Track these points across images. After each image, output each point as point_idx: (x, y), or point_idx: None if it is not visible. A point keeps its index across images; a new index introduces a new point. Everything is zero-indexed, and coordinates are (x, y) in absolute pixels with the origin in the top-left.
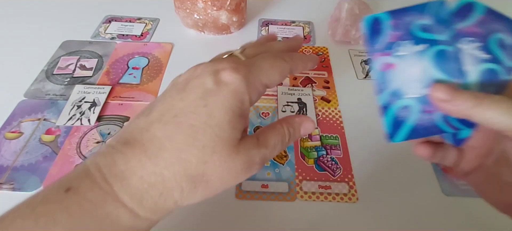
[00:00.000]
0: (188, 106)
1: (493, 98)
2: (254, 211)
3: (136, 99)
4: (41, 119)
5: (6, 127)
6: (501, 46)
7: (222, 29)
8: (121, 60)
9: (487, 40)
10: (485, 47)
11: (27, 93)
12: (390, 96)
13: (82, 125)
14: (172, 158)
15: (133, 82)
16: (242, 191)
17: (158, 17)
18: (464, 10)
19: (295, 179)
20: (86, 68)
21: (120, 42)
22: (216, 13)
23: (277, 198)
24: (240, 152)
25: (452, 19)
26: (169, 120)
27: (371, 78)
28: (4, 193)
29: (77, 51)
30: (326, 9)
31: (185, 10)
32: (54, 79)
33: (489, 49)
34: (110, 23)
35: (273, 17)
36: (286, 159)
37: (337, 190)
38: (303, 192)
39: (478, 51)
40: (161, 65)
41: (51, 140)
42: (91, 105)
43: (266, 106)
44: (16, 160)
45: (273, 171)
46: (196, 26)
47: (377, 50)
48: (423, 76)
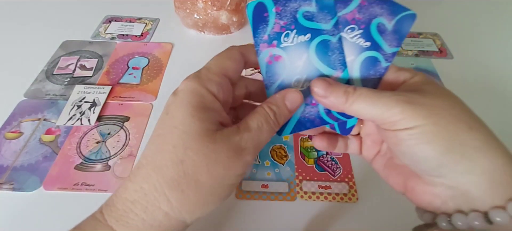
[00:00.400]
0: (157, 124)
1: (360, 91)
2: (254, 211)
3: (136, 99)
4: (41, 119)
5: (6, 127)
6: (380, 31)
7: (222, 29)
8: (121, 60)
9: (367, 27)
10: (366, 34)
11: (27, 93)
12: (278, 90)
13: (82, 125)
14: (148, 170)
15: (133, 82)
16: (242, 191)
17: (158, 17)
18: None
19: (295, 179)
20: (86, 68)
21: (120, 42)
22: (216, 13)
23: (277, 198)
24: (218, 140)
25: (335, 6)
26: (147, 144)
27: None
28: (4, 193)
29: (77, 51)
30: None
31: (185, 10)
32: (54, 79)
33: (370, 36)
34: (110, 23)
35: None
36: (286, 159)
37: (337, 190)
38: (303, 192)
39: (359, 39)
40: (161, 65)
41: (51, 140)
42: (91, 105)
43: None
44: (16, 160)
45: (273, 171)
46: (196, 26)
47: (263, 41)
48: (307, 68)
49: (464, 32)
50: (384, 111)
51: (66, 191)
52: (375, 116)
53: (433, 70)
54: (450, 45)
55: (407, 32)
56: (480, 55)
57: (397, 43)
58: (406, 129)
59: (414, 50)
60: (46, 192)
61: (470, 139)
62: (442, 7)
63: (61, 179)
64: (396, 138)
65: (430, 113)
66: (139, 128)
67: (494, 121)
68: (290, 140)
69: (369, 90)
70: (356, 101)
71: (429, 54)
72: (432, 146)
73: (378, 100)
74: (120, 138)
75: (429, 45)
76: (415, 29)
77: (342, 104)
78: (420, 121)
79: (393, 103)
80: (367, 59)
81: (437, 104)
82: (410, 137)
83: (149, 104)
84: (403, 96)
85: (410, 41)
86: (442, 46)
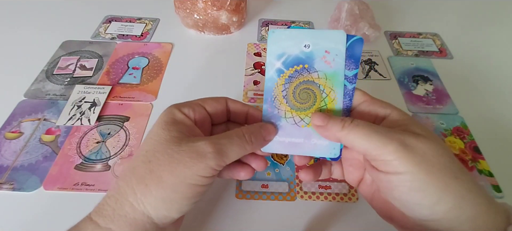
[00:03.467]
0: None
1: (357, 122)
2: (254, 211)
3: (136, 99)
4: (41, 118)
5: (6, 127)
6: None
7: (222, 29)
8: (121, 60)
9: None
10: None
11: (27, 93)
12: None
13: (82, 125)
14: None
15: (133, 82)
16: (242, 191)
17: (158, 17)
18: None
19: (295, 179)
20: (86, 68)
21: (120, 42)
22: (216, 13)
23: (277, 198)
24: (183, 144)
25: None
26: None
27: (371, 78)
28: (4, 193)
29: (77, 51)
30: (326, 9)
31: (185, 10)
32: (54, 79)
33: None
34: (110, 23)
35: (273, 17)
36: (286, 159)
37: (337, 190)
38: (303, 192)
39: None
40: (161, 65)
41: (51, 140)
42: (91, 105)
43: None
44: (16, 160)
45: (273, 171)
46: (196, 26)
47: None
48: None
49: (464, 32)
50: (377, 147)
51: (66, 191)
52: (368, 150)
53: (433, 70)
54: (450, 45)
55: (360, 54)
56: (480, 55)
57: (354, 66)
58: (398, 173)
59: (414, 50)
60: (46, 192)
61: (458, 188)
62: (442, 7)
63: (61, 179)
64: (388, 182)
65: (422, 160)
66: (139, 128)
67: (494, 121)
68: None
69: (365, 122)
70: (352, 131)
71: (429, 54)
72: (424, 195)
73: (374, 133)
74: (120, 138)
75: (429, 45)
76: (415, 29)
77: (338, 132)
78: (412, 167)
79: (387, 140)
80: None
81: (429, 151)
82: (403, 183)
83: (149, 104)
84: (397, 134)
85: (410, 41)
86: (442, 46)
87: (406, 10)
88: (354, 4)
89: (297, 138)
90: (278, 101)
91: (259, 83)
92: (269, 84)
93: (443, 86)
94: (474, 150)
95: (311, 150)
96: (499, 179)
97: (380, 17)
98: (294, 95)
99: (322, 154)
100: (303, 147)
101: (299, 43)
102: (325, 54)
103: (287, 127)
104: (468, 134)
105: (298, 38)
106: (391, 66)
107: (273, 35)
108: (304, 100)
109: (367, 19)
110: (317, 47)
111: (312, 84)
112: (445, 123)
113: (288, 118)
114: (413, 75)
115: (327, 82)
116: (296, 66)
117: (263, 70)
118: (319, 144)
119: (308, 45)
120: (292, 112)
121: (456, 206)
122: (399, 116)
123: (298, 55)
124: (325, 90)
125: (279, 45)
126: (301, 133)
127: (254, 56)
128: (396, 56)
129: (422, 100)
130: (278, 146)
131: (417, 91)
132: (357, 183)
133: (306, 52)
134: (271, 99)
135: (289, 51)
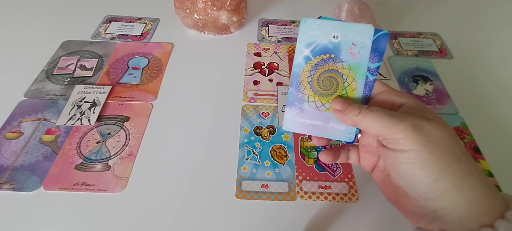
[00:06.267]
0: None
1: (372, 108)
2: (254, 211)
3: (136, 99)
4: (41, 118)
5: (6, 127)
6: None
7: (222, 29)
8: (121, 60)
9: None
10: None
11: (27, 93)
12: None
13: (82, 125)
14: None
15: (133, 82)
16: (242, 191)
17: (158, 17)
18: None
19: (295, 179)
20: (86, 68)
21: (120, 42)
22: (216, 13)
23: (277, 198)
24: None
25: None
26: None
27: None
28: (4, 193)
29: (77, 51)
30: (326, 9)
31: (185, 10)
32: (54, 79)
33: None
34: (110, 23)
35: (273, 17)
36: (286, 159)
37: (337, 190)
38: (303, 192)
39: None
40: (161, 65)
41: (51, 140)
42: (91, 105)
43: (266, 106)
44: (16, 160)
45: (273, 171)
46: (196, 26)
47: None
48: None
49: (464, 32)
50: (389, 127)
51: (66, 191)
52: (380, 130)
53: (433, 70)
54: (450, 45)
55: (384, 48)
56: (480, 55)
57: (378, 59)
58: (404, 150)
59: (414, 50)
60: (46, 192)
61: (458, 170)
62: (442, 7)
63: (61, 179)
64: (394, 159)
65: (428, 140)
66: (139, 128)
67: (494, 121)
68: (290, 140)
69: (380, 108)
70: (366, 116)
71: (429, 54)
72: (426, 172)
73: (387, 115)
74: (120, 138)
75: (429, 45)
76: (415, 29)
77: (355, 117)
78: (417, 146)
79: (398, 121)
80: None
81: (437, 133)
82: (407, 160)
83: (149, 104)
84: (409, 117)
85: (410, 41)
86: (442, 46)
87: (406, 10)
88: (354, 4)
89: (317, 121)
90: (302, 86)
91: (259, 83)
92: (296, 70)
93: (443, 86)
94: (474, 150)
95: (329, 133)
96: (499, 179)
97: (380, 17)
98: (318, 82)
99: (338, 137)
100: (321, 129)
101: (328, 33)
102: (352, 46)
103: (309, 110)
104: (468, 134)
105: (328, 29)
106: (391, 66)
107: (305, 24)
108: (327, 87)
109: (367, 19)
110: (345, 39)
111: (336, 73)
112: None
113: (311, 102)
114: (413, 75)
115: (350, 72)
116: (323, 55)
117: (263, 70)
118: (336, 128)
119: (337, 36)
120: (314, 97)
121: (454, 187)
122: (415, 104)
123: (326, 45)
124: (348, 79)
125: (310, 34)
126: (321, 117)
127: (254, 56)
128: (396, 56)
129: (422, 100)
130: (299, 126)
131: (417, 91)
132: (371, 168)
133: (334, 42)
134: (296, 83)
135: (318, 41)
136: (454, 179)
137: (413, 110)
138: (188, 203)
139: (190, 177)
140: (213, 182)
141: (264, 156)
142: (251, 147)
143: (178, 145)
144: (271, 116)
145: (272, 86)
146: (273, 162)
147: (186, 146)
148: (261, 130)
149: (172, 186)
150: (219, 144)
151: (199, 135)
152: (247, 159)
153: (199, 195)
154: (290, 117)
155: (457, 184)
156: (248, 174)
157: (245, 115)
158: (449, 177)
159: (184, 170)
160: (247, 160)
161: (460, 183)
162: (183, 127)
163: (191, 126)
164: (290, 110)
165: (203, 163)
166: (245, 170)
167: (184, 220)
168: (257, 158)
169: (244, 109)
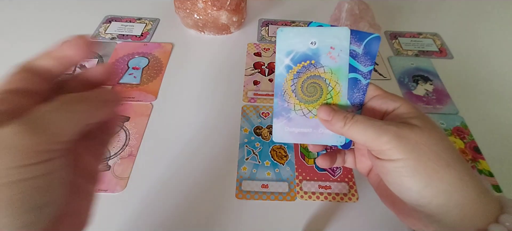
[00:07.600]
0: None
1: (356, 118)
2: (254, 211)
3: (136, 99)
4: None
5: None
6: (353, 57)
7: (222, 29)
8: (121, 60)
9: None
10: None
11: None
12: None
13: None
14: None
15: (133, 82)
16: (242, 191)
17: (158, 17)
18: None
19: (295, 179)
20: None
21: (120, 42)
22: (216, 13)
23: (277, 198)
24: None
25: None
26: None
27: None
28: None
29: None
30: (326, 9)
31: (185, 10)
32: None
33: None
34: (110, 23)
35: (273, 17)
36: (286, 159)
37: (337, 190)
38: (303, 192)
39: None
40: (161, 65)
41: None
42: None
43: (266, 106)
44: None
45: (273, 171)
46: (196, 26)
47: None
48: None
49: (464, 32)
50: (374, 139)
51: None
52: (366, 142)
53: (433, 70)
54: (450, 45)
55: (376, 51)
56: (480, 55)
57: (370, 63)
58: (391, 160)
59: (414, 50)
60: None
61: (447, 176)
62: (442, 7)
63: None
64: (384, 168)
65: (413, 149)
66: (139, 128)
67: (494, 121)
68: None
69: (364, 117)
70: (352, 127)
71: (429, 54)
72: (414, 180)
73: (370, 127)
74: (120, 138)
75: (429, 45)
76: (415, 29)
77: (341, 129)
78: (404, 155)
79: (382, 132)
80: (350, 80)
81: (421, 140)
82: (395, 169)
83: (149, 104)
84: (392, 127)
85: (410, 41)
86: (442, 46)
87: (406, 10)
88: (354, 4)
89: (306, 128)
90: (287, 95)
91: (259, 83)
92: (279, 80)
93: (443, 86)
94: (474, 150)
95: (319, 139)
96: (499, 179)
97: (380, 17)
98: (302, 89)
99: (329, 142)
100: (311, 136)
101: (306, 40)
102: (330, 50)
103: (296, 118)
104: (468, 134)
105: (305, 36)
106: (391, 66)
107: (282, 34)
108: (312, 94)
109: (367, 19)
110: (323, 44)
111: (318, 79)
112: (445, 123)
113: (297, 110)
114: (413, 75)
115: (332, 76)
116: (304, 62)
117: (263, 70)
118: (326, 133)
119: (315, 42)
120: (300, 105)
121: (443, 192)
122: (406, 109)
123: (305, 52)
124: (331, 84)
125: (288, 43)
126: (309, 124)
127: (254, 56)
128: (396, 56)
129: (422, 100)
130: (289, 136)
131: (417, 91)
132: (367, 172)
133: (312, 48)
134: (281, 93)
135: (297, 48)
136: (442, 184)
137: (403, 116)
138: (188, 203)
139: (190, 177)
140: (213, 182)
141: (264, 156)
142: (251, 147)
143: (178, 145)
144: (271, 116)
145: (272, 86)
146: (273, 162)
147: (186, 146)
148: (261, 130)
149: (172, 186)
150: (219, 144)
151: (199, 135)
152: (247, 159)
153: (199, 195)
154: (279, 128)
155: (446, 190)
156: (248, 174)
157: (245, 115)
158: (436, 183)
159: (184, 170)
160: (247, 160)
161: (449, 188)
162: (183, 127)
163: (191, 126)
164: (278, 121)
165: (203, 163)
166: (245, 170)
167: (184, 220)
168: (257, 158)
169: (244, 110)
